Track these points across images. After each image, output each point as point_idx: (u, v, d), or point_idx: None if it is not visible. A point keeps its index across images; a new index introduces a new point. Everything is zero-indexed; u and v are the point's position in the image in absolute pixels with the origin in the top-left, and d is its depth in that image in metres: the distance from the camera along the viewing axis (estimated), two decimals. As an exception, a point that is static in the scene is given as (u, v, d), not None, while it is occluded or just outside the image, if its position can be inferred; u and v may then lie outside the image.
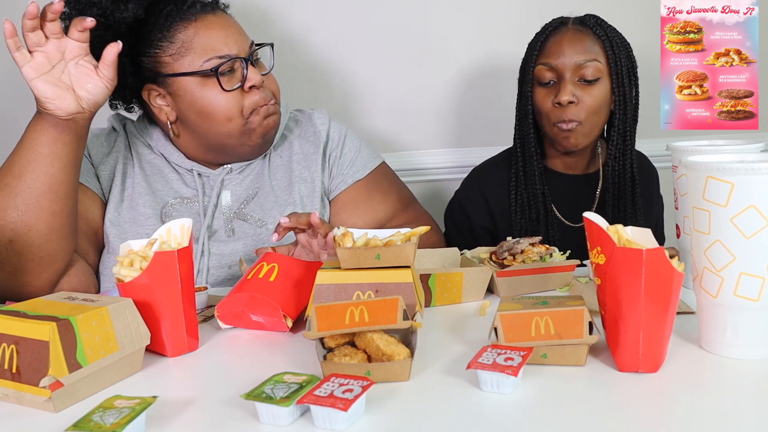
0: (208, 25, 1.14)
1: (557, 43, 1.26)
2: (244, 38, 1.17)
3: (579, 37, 1.25)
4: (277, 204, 1.23)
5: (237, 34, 1.17)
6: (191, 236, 0.85)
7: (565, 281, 1.03)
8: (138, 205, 1.18)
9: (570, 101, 1.23)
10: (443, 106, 1.77)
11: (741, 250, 0.72)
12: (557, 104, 1.24)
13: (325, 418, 0.61)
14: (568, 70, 1.24)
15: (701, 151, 0.95)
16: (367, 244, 0.87)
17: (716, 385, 0.70)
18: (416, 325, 0.74)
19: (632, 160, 1.31)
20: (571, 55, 1.24)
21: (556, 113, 1.25)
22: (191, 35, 1.13)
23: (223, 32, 1.15)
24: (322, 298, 0.83)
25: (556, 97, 1.24)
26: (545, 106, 1.27)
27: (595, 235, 0.73)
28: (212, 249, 1.19)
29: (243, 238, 1.21)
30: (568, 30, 1.27)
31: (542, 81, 1.27)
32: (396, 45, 1.74)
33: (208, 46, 1.13)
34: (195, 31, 1.13)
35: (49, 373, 0.66)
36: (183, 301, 0.81)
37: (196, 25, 1.14)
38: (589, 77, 1.24)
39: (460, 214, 1.42)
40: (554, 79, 1.26)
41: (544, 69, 1.26)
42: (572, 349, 0.73)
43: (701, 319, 0.78)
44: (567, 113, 1.23)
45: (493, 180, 1.39)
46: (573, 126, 1.24)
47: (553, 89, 1.26)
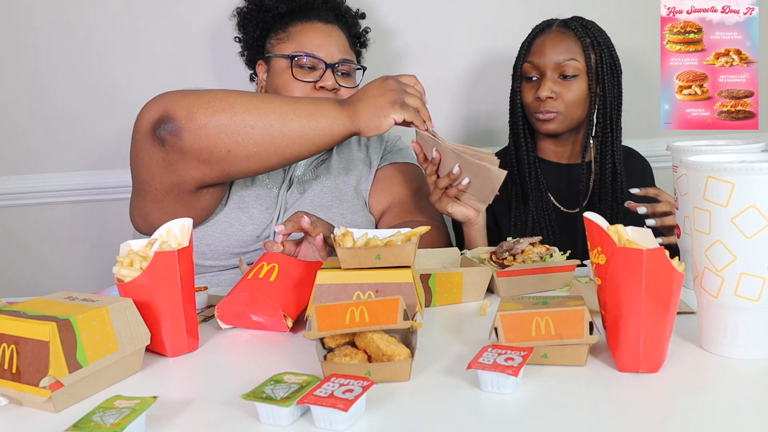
0: (314, 28, 1.35)
1: (541, 44, 1.39)
2: (339, 50, 1.33)
3: (561, 38, 1.38)
4: (340, 174, 1.38)
5: (334, 44, 1.34)
6: (191, 236, 0.85)
7: (565, 281, 1.03)
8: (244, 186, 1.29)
9: (549, 96, 1.37)
10: (444, 106, 1.77)
11: (742, 250, 0.72)
12: (537, 98, 1.38)
13: (326, 418, 0.61)
14: (548, 68, 1.37)
15: (701, 151, 0.95)
16: (367, 244, 0.87)
17: (716, 385, 0.70)
18: (416, 325, 0.74)
19: (614, 152, 1.41)
20: (551, 54, 1.37)
21: (536, 105, 1.39)
22: (298, 30, 1.35)
23: (322, 38, 1.34)
24: (322, 298, 0.83)
25: (536, 92, 1.38)
26: (527, 99, 1.41)
27: (596, 236, 0.73)
28: (287, 204, 1.30)
29: (312, 192, 1.33)
30: (551, 31, 1.40)
31: (527, 76, 1.41)
32: (396, 45, 1.74)
33: (303, 42, 1.33)
34: (302, 28, 1.35)
35: (49, 373, 0.66)
36: (183, 301, 0.81)
37: (305, 25, 1.35)
38: (568, 74, 1.37)
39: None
40: (537, 75, 1.40)
41: (528, 66, 1.40)
42: (573, 349, 0.73)
43: (701, 319, 0.78)
44: (546, 105, 1.38)
45: None
46: (550, 116, 1.38)
47: (535, 84, 1.40)
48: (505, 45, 1.72)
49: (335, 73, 1.33)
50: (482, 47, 1.75)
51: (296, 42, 1.34)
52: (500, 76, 1.71)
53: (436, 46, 1.75)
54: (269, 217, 1.27)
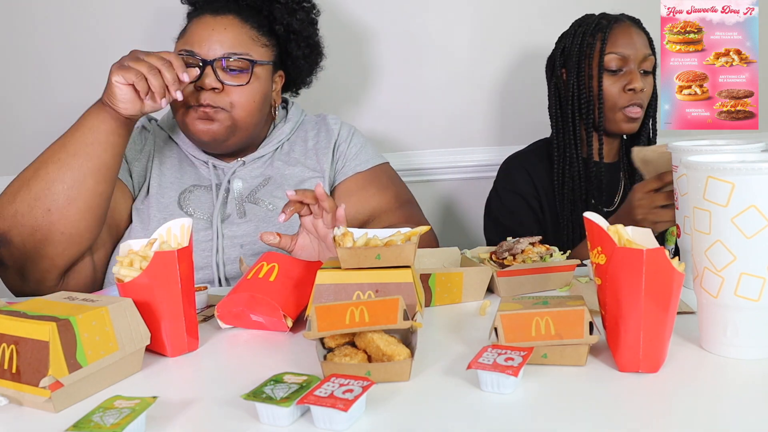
0: (200, 22, 1.25)
1: (624, 35, 1.38)
2: (225, 44, 1.22)
3: (638, 31, 1.39)
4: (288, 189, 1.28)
5: (216, 38, 1.22)
6: (191, 236, 0.85)
7: (565, 281, 1.03)
8: (161, 196, 1.26)
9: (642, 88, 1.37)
10: (445, 106, 1.77)
11: (741, 250, 0.72)
12: (631, 90, 1.37)
13: (326, 418, 0.61)
14: (636, 61, 1.37)
15: (701, 151, 0.95)
16: (367, 244, 0.87)
17: (716, 385, 0.70)
18: (416, 325, 0.74)
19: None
20: (639, 47, 1.38)
21: (627, 98, 1.37)
22: (189, 26, 1.27)
23: (206, 33, 1.23)
24: (322, 298, 0.83)
25: (626, 84, 1.37)
26: (612, 92, 1.38)
27: (596, 236, 0.73)
28: (225, 231, 1.25)
29: (254, 219, 1.26)
30: (625, 24, 1.39)
31: (611, 69, 1.38)
32: (397, 45, 1.74)
33: (187, 39, 1.24)
34: (191, 24, 1.27)
35: (49, 374, 0.66)
36: (183, 301, 0.81)
37: (194, 20, 1.27)
38: (648, 69, 1.38)
39: (512, 200, 1.46)
40: (623, 67, 1.38)
41: (615, 57, 1.37)
42: (572, 349, 0.73)
43: (701, 319, 0.78)
44: (639, 98, 1.38)
45: (537, 167, 1.47)
46: (640, 111, 1.39)
47: (621, 77, 1.39)
48: (506, 44, 1.72)
49: (224, 70, 1.22)
50: (484, 46, 1.75)
51: (183, 39, 1.26)
52: (502, 77, 1.71)
53: (437, 46, 1.75)
54: (210, 246, 1.24)
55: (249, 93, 1.25)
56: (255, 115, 1.27)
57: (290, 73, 1.39)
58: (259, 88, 1.27)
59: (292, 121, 1.38)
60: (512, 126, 1.76)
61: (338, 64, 1.70)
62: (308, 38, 1.37)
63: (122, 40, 1.71)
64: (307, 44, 1.37)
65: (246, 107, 1.24)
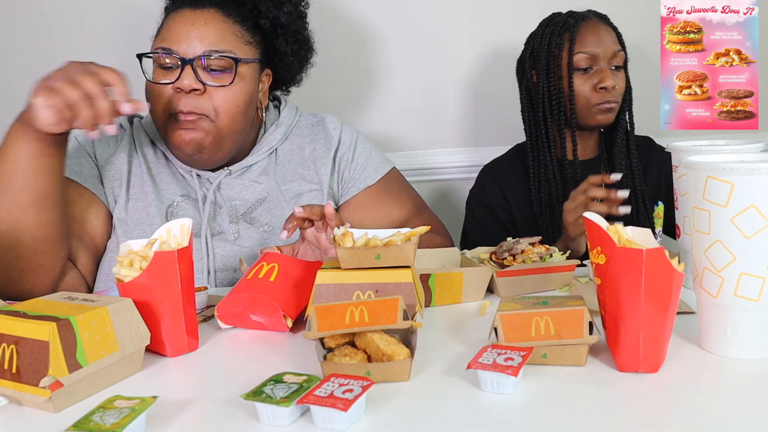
0: (177, 18, 1.14)
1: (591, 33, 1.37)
2: (205, 41, 1.11)
3: (606, 28, 1.39)
4: (288, 211, 1.20)
5: (195, 35, 1.11)
6: (191, 236, 0.85)
7: (565, 281, 1.03)
8: (145, 205, 1.18)
9: (614, 86, 1.36)
10: (447, 106, 1.77)
11: (741, 250, 0.72)
12: (603, 88, 1.36)
13: (325, 418, 0.61)
14: (606, 58, 1.36)
15: (701, 151, 0.95)
16: (367, 244, 0.87)
17: (716, 385, 0.70)
18: (416, 325, 0.74)
19: (629, 144, 1.43)
20: (608, 44, 1.37)
21: (599, 96, 1.36)
22: (167, 21, 1.15)
23: (184, 28, 1.12)
24: (322, 298, 0.83)
25: (597, 83, 1.36)
26: (584, 91, 1.37)
27: (595, 235, 0.73)
28: (217, 250, 1.18)
29: (249, 242, 1.19)
30: (592, 21, 1.38)
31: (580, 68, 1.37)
32: (398, 44, 1.74)
33: (163, 35, 1.14)
34: (168, 19, 1.16)
35: (49, 373, 0.66)
36: (183, 301, 0.81)
37: (172, 15, 1.16)
38: (618, 64, 1.37)
39: (481, 211, 1.47)
40: (592, 65, 1.37)
41: (583, 57, 1.36)
42: (572, 349, 0.73)
43: (701, 319, 0.78)
44: (612, 95, 1.37)
45: (509, 177, 1.46)
46: (614, 107, 1.38)
47: (591, 75, 1.38)
48: (508, 44, 1.72)
49: (205, 69, 1.12)
50: (485, 46, 1.75)
51: (159, 36, 1.14)
52: (503, 76, 1.71)
53: (440, 46, 1.75)
54: (201, 266, 1.17)
55: (233, 95, 1.14)
56: (239, 120, 1.16)
57: (278, 71, 1.27)
58: (244, 89, 1.16)
59: (285, 124, 1.27)
60: (512, 126, 1.75)
61: (339, 64, 1.70)
62: (297, 33, 1.25)
63: (103, 41, 1.66)
64: (295, 39, 1.25)
65: (230, 112, 1.14)
